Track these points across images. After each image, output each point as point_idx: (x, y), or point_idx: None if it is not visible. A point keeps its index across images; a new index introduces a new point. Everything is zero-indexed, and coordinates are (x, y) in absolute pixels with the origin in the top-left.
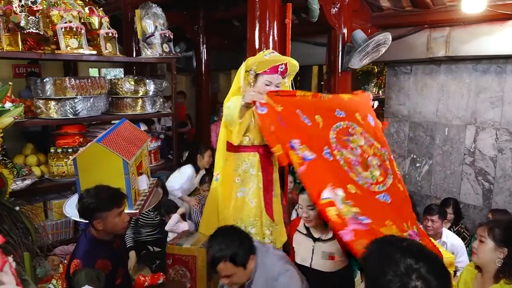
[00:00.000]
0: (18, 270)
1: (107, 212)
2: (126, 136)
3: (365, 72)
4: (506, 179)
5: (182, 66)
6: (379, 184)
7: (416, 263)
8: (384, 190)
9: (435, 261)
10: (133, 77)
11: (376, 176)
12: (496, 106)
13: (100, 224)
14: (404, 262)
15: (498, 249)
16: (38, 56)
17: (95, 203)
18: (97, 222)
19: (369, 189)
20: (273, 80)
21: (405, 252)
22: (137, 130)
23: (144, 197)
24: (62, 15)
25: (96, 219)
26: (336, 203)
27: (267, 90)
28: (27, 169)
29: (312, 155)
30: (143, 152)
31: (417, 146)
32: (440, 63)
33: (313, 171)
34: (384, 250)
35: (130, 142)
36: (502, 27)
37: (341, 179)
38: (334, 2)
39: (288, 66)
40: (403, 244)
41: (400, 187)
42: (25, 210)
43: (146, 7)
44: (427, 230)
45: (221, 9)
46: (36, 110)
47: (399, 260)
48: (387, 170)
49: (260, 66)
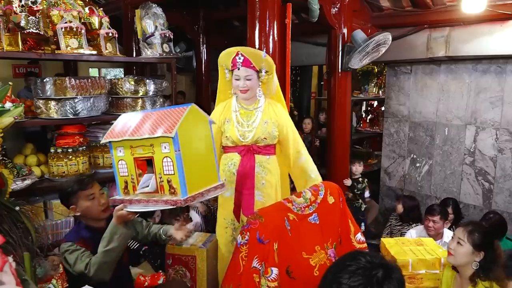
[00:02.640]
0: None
1: (75, 195)
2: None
3: (365, 72)
4: (506, 179)
5: (182, 66)
6: (311, 205)
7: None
8: (314, 211)
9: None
10: (133, 77)
11: (308, 198)
12: (496, 106)
13: (76, 210)
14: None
15: (475, 252)
16: (38, 56)
17: (64, 188)
18: (73, 207)
19: (303, 213)
20: (240, 74)
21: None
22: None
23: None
24: (62, 15)
25: (71, 205)
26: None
27: (236, 85)
28: (27, 169)
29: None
30: None
31: (417, 146)
32: (440, 63)
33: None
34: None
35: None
36: (502, 27)
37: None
38: (334, 2)
39: (248, 56)
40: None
41: (331, 199)
42: (25, 210)
43: (146, 7)
44: (429, 230)
45: (221, 9)
46: (36, 110)
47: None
48: (318, 187)
49: (227, 63)
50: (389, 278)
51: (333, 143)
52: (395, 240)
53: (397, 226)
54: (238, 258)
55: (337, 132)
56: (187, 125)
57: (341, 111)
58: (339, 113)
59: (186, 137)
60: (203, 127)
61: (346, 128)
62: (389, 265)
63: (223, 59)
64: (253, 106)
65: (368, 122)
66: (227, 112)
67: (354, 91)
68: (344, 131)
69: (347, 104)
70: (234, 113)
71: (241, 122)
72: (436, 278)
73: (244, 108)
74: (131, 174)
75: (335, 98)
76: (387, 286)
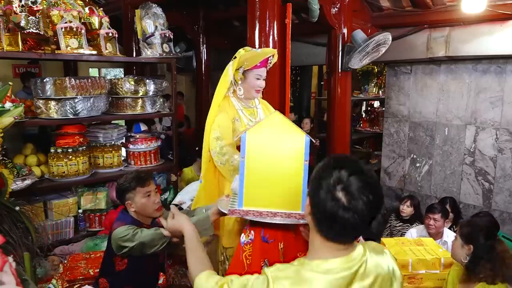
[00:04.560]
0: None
1: (133, 191)
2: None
3: (365, 72)
4: (506, 179)
5: (182, 66)
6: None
7: (346, 176)
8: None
9: (366, 176)
10: (133, 77)
11: None
12: (496, 106)
13: (131, 205)
14: (335, 175)
15: (465, 246)
16: (38, 56)
17: (122, 183)
18: (128, 203)
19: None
20: (262, 74)
21: (339, 166)
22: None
23: None
24: (62, 15)
25: (127, 200)
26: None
27: (258, 84)
28: (27, 169)
29: None
30: None
31: (417, 146)
32: (440, 63)
33: None
34: (324, 165)
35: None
36: (502, 27)
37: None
38: (334, 2)
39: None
40: (340, 158)
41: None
42: (25, 210)
43: (146, 7)
44: (429, 228)
45: (221, 9)
46: (36, 110)
47: (333, 172)
48: None
49: (252, 61)
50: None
51: (333, 143)
52: (395, 240)
53: (397, 227)
54: (242, 257)
55: (337, 132)
56: (262, 134)
57: (341, 111)
58: (339, 113)
59: (259, 146)
60: (293, 144)
61: (346, 128)
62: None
63: (251, 57)
64: (253, 104)
65: (368, 122)
66: (234, 111)
67: (354, 91)
68: (344, 131)
69: (347, 104)
70: (240, 111)
71: (249, 120)
72: (436, 278)
73: (246, 107)
74: None
75: (335, 98)
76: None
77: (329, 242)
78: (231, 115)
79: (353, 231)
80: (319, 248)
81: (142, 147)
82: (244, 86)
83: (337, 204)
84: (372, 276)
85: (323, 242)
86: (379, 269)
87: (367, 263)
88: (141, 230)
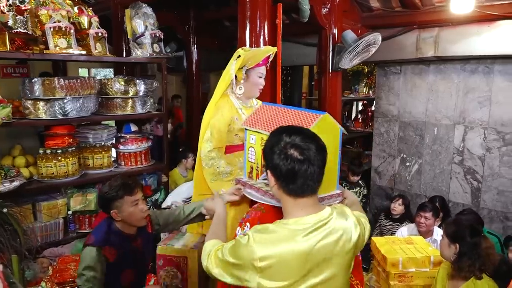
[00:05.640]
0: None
1: (120, 200)
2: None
3: (355, 72)
4: (494, 177)
5: (172, 66)
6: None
7: (289, 136)
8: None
9: (304, 133)
10: (123, 77)
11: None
12: (484, 106)
13: (117, 214)
14: (281, 139)
15: (451, 244)
16: (27, 56)
17: (107, 192)
18: (114, 212)
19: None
20: (264, 72)
21: (281, 133)
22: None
23: None
24: (50, 15)
25: (113, 209)
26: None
27: (260, 82)
28: (16, 170)
29: None
30: None
31: (406, 145)
32: (429, 63)
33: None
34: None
35: None
36: (490, 28)
37: None
38: (325, 3)
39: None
40: (280, 128)
41: None
42: (13, 212)
43: (136, 6)
44: (420, 226)
45: (212, 9)
46: (24, 110)
47: (278, 138)
48: None
49: (255, 59)
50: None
51: None
52: (386, 239)
53: (386, 226)
54: None
55: None
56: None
57: (332, 111)
58: (330, 113)
59: None
60: (333, 139)
61: None
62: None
63: (254, 55)
64: (252, 104)
65: (361, 122)
66: (232, 110)
67: (345, 91)
68: None
69: (337, 104)
70: (239, 110)
71: None
72: (426, 276)
73: (246, 105)
74: (257, 162)
75: (326, 98)
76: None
77: (298, 199)
78: (228, 115)
79: (314, 181)
80: (292, 209)
81: (132, 148)
82: (246, 85)
83: (292, 160)
84: (336, 234)
85: (292, 201)
86: (341, 230)
87: (335, 222)
88: (94, 278)
